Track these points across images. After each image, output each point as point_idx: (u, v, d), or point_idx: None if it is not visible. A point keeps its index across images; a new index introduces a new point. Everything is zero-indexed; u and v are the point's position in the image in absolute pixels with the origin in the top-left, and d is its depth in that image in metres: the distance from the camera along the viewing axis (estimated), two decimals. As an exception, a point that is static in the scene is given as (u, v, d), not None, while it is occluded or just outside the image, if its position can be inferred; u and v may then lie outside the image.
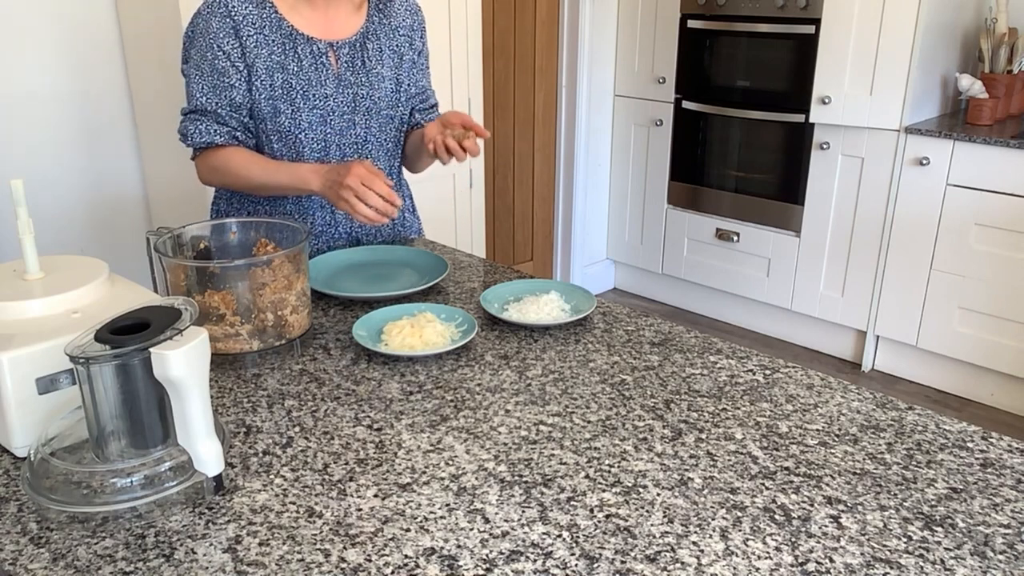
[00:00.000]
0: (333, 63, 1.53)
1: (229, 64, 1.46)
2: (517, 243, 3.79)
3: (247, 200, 1.60)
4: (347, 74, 1.54)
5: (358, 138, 1.58)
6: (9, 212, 2.13)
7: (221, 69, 1.46)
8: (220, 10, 1.46)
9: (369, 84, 1.56)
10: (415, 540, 0.84)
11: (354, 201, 1.36)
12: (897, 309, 3.05)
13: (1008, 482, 0.95)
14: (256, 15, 1.47)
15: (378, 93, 1.57)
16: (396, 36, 1.60)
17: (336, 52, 1.53)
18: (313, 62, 1.51)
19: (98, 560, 0.81)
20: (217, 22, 1.45)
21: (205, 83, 1.47)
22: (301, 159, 1.54)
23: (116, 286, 1.09)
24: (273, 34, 1.48)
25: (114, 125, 2.51)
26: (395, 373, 1.19)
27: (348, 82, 1.54)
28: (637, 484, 0.93)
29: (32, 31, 2.31)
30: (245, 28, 1.46)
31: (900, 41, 2.84)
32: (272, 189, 1.51)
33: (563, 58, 3.61)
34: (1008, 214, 2.71)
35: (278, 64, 1.48)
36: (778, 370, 1.21)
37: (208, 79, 1.47)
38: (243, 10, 1.46)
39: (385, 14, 1.60)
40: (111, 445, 0.88)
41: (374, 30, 1.58)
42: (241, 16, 1.46)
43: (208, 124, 1.49)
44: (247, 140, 1.52)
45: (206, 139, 1.49)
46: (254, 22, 1.47)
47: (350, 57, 1.54)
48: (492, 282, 1.52)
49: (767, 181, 3.35)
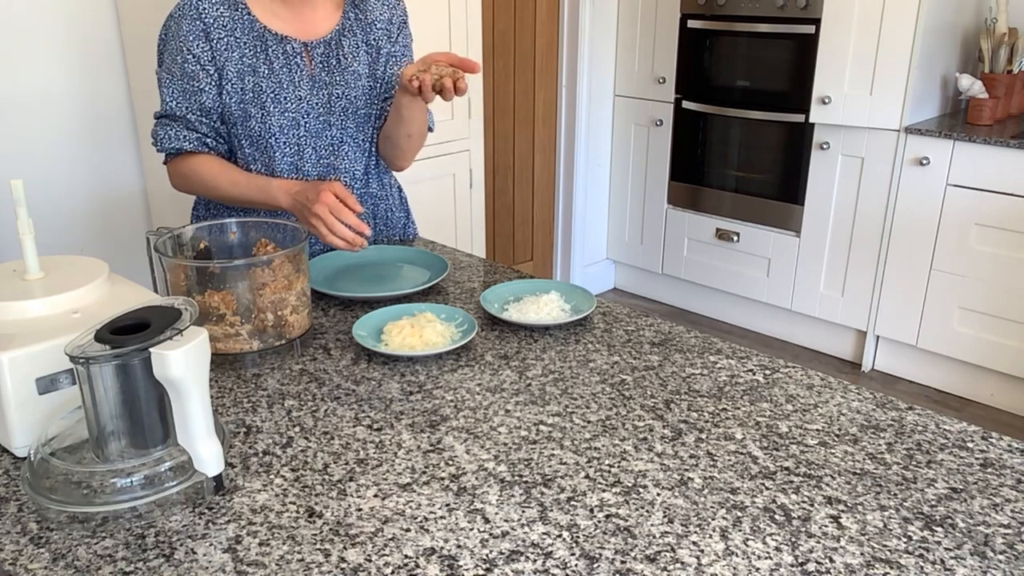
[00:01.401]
0: (307, 64, 1.50)
1: (199, 68, 1.45)
2: (517, 243, 3.79)
3: (224, 208, 1.57)
4: (322, 74, 1.51)
5: (334, 139, 1.55)
6: (9, 212, 2.13)
7: (191, 73, 1.45)
8: (191, 12, 1.44)
9: (345, 83, 1.53)
10: (415, 540, 0.84)
11: (323, 230, 1.35)
12: (897, 309, 3.05)
13: (1008, 482, 0.95)
14: (228, 17, 1.45)
15: (354, 92, 1.54)
16: (373, 30, 1.56)
17: (310, 52, 1.51)
18: (286, 63, 1.48)
19: (98, 560, 0.81)
20: (187, 24, 1.44)
21: (175, 87, 1.46)
22: (273, 163, 1.51)
23: (116, 286, 1.09)
24: (244, 36, 1.46)
25: (114, 125, 2.51)
26: (395, 373, 1.19)
27: (323, 82, 1.51)
28: (637, 484, 0.93)
29: (32, 31, 2.31)
30: (215, 31, 1.44)
31: (900, 41, 2.84)
32: (241, 202, 1.49)
33: (563, 58, 3.61)
34: (1008, 214, 2.71)
35: (249, 67, 1.46)
36: (778, 370, 1.21)
37: (178, 83, 1.46)
38: (214, 12, 1.44)
39: (361, 9, 1.56)
40: (111, 445, 0.88)
41: (350, 26, 1.54)
42: (212, 19, 1.44)
43: (177, 130, 1.47)
44: (218, 146, 1.51)
45: (175, 145, 1.48)
46: (225, 24, 1.45)
47: (325, 56, 1.51)
48: (492, 282, 1.52)
49: (767, 181, 3.35)
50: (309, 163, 1.54)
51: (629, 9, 3.60)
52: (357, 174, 1.60)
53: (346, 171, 1.58)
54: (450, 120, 2.80)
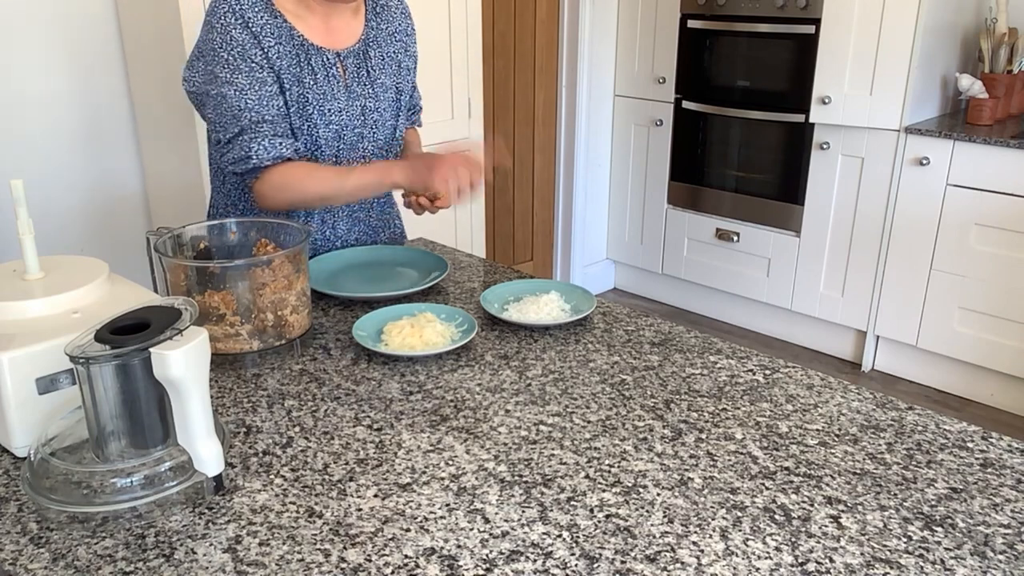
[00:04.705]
0: (342, 74, 1.46)
1: (265, 74, 1.37)
2: (517, 243, 3.79)
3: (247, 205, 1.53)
4: (354, 85, 1.47)
5: (365, 152, 1.52)
6: (9, 212, 2.13)
7: (261, 79, 1.36)
8: (238, 21, 1.35)
9: (375, 95, 1.50)
10: (415, 540, 0.84)
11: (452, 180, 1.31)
12: (897, 309, 3.05)
13: (1008, 482, 0.95)
14: (272, 24, 1.38)
15: (383, 104, 1.52)
16: (393, 42, 1.55)
17: (343, 62, 1.46)
18: (325, 74, 1.43)
19: (98, 560, 0.81)
20: (239, 33, 1.35)
21: (250, 96, 1.36)
22: None
23: (116, 286, 1.09)
24: (288, 45, 1.40)
25: (114, 125, 2.51)
26: (395, 373, 1.19)
27: (356, 93, 1.48)
28: (637, 484, 0.93)
29: (32, 31, 2.31)
30: (265, 39, 1.37)
31: (900, 41, 2.84)
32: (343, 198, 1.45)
33: (563, 58, 3.61)
34: (1008, 214, 2.71)
35: (295, 77, 1.40)
36: (778, 370, 1.21)
37: (252, 92, 1.36)
38: (259, 20, 1.37)
39: (383, 18, 1.54)
40: (111, 445, 0.88)
41: (374, 36, 1.52)
42: (259, 27, 1.37)
43: (271, 139, 1.37)
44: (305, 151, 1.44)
45: (273, 154, 1.37)
46: (271, 32, 1.38)
47: (356, 67, 1.48)
48: (492, 282, 1.52)
49: (767, 181, 3.35)
50: None
51: (629, 9, 3.60)
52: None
53: None
54: (450, 120, 2.80)
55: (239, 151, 1.38)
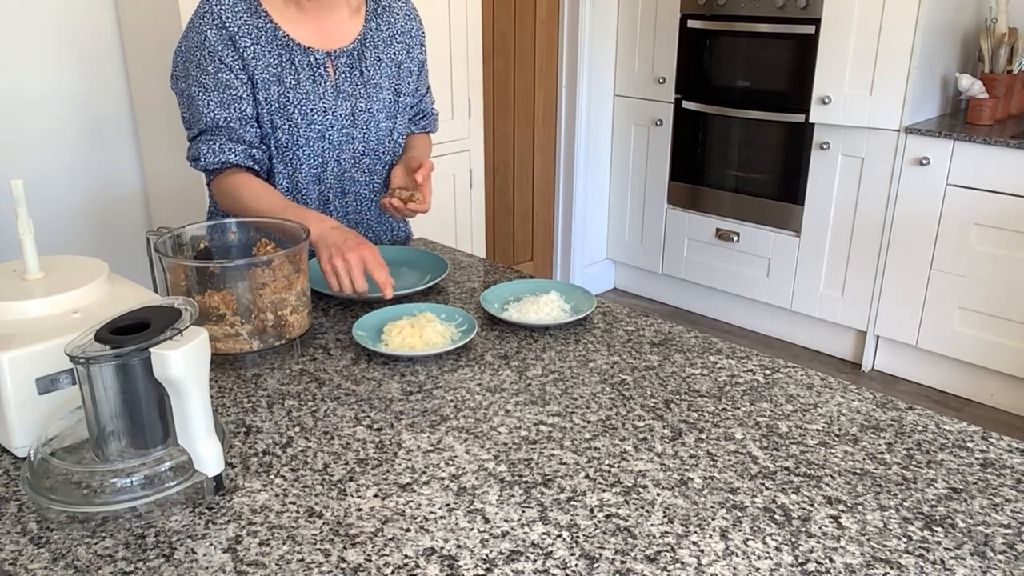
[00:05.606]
0: (331, 74, 1.47)
1: (233, 76, 1.39)
2: (517, 243, 3.79)
3: None
4: (345, 85, 1.48)
5: (356, 152, 1.53)
6: (9, 212, 2.13)
7: (225, 82, 1.39)
8: (214, 22, 1.38)
9: (367, 96, 1.51)
10: (415, 540, 0.84)
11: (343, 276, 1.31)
12: (897, 309, 3.05)
13: (1008, 482, 0.95)
14: (251, 25, 1.40)
15: (376, 105, 1.52)
16: (394, 43, 1.54)
17: (334, 62, 1.47)
18: (311, 74, 1.44)
19: (98, 560, 0.81)
20: (213, 34, 1.38)
21: (211, 99, 1.40)
22: (298, 175, 1.49)
23: (116, 286, 1.09)
24: (269, 45, 1.41)
25: (114, 125, 2.51)
26: (395, 373, 1.19)
27: (346, 94, 1.48)
28: (637, 484, 0.93)
29: (32, 31, 2.31)
30: (241, 39, 1.39)
31: (900, 41, 2.84)
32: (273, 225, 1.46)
33: (563, 58, 3.61)
34: (1008, 214, 2.71)
35: (275, 77, 1.42)
36: (778, 370, 1.21)
37: (214, 94, 1.40)
38: (238, 20, 1.39)
39: (383, 19, 1.54)
40: (111, 445, 0.88)
41: (371, 37, 1.52)
42: (236, 27, 1.39)
43: (221, 143, 1.41)
44: (263, 158, 1.46)
45: (220, 159, 1.41)
46: (249, 32, 1.40)
47: (348, 67, 1.48)
48: (492, 282, 1.52)
49: (767, 181, 3.35)
50: (331, 175, 1.52)
51: (629, 9, 3.60)
52: (376, 186, 1.60)
53: (366, 183, 1.58)
54: (450, 120, 2.80)
55: (193, 151, 1.44)
